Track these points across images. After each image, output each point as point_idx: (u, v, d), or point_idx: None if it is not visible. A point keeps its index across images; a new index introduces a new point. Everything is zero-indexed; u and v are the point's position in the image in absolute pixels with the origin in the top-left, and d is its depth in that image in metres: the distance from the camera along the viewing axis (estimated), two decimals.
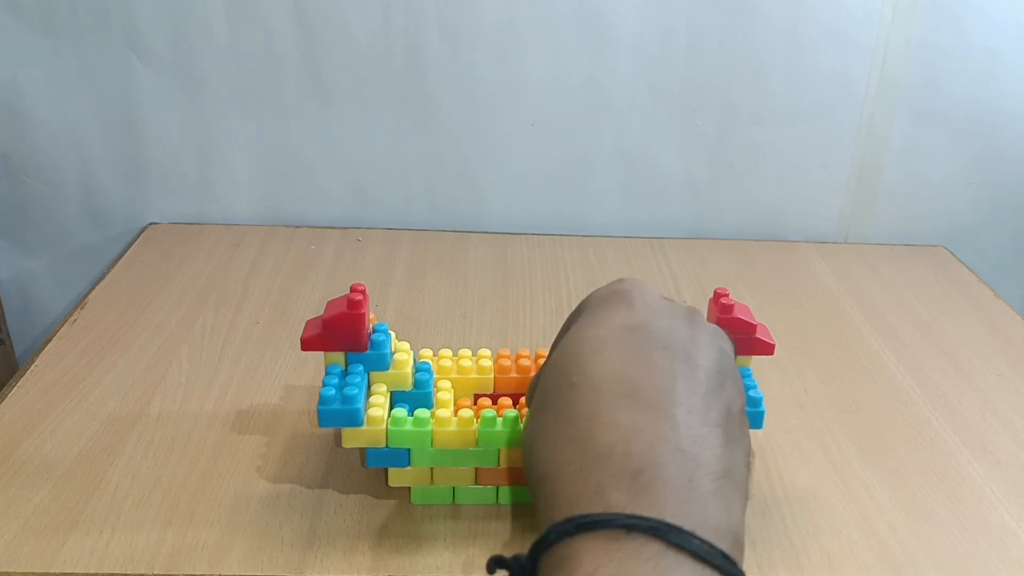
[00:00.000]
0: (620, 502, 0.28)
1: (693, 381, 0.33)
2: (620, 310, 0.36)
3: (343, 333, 0.43)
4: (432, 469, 0.44)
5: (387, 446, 0.43)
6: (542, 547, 0.29)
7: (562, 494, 0.30)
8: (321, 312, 0.44)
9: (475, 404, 0.46)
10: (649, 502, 0.28)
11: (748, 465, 0.33)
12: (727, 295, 0.44)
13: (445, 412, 0.43)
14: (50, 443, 0.49)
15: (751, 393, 0.43)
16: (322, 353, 0.44)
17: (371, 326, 0.45)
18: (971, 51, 0.74)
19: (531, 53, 0.73)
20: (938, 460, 0.51)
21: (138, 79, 0.72)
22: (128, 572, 0.40)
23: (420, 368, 0.46)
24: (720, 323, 0.43)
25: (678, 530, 0.27)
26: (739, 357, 0.44)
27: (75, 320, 0.61)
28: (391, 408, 0.44)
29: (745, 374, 0.44)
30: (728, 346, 0.37)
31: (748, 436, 0.35)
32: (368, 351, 0.44)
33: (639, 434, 0.30)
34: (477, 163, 0.77)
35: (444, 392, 0.45)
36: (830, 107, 0.76)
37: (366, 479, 0.46)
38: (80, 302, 0.64)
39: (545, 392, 0.35)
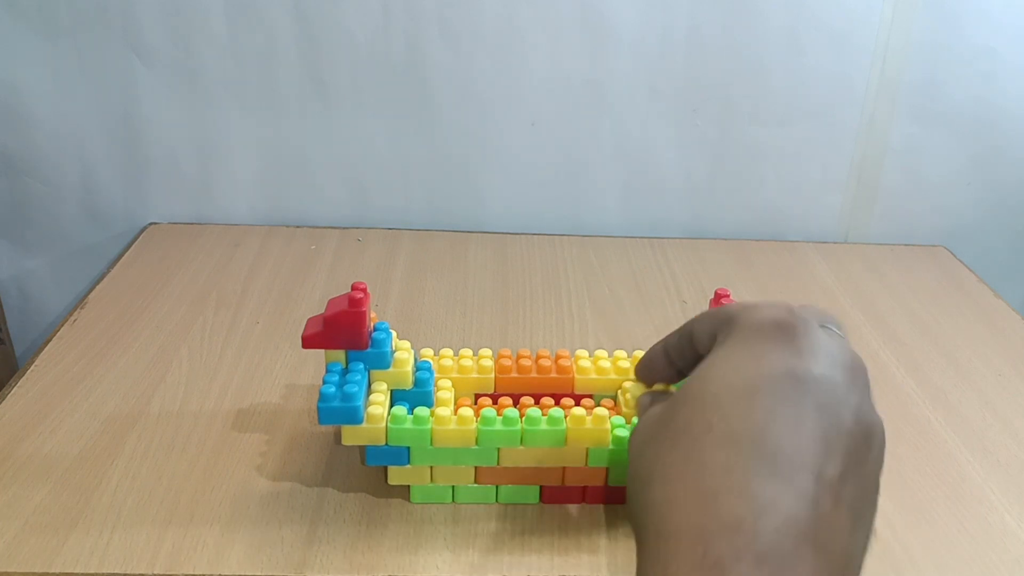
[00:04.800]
0: None
1: (837, 450, 0.29)
2: (781, 348, 0.32)
3: (344, 331, 0.43)
4: (432, 468, 0.44)
5: (387, 444, 0.43)
6: None
7: (676, 558, 0.27)
8: (321, 311, 0.44)
9: (475, 404, 0.46)
10: None
11: (867, 547, 0.30)
12: (727, 295, 0.44)
13: (445, 411, 0.43)
14: (50, 443, 0.49)
15: None
16: (323, 351, 0.44)
17: (372, 325, 0.45)
18: (971, 51, 0.74)
19: (531, 53, 0.73)
20: (938, 460, 0.51)
21: (138, 79, 0.72)
22: (128, 572, 0.40)
23: (420, 367, 0.46)
24: None
25: None
26: None
27: (75, 320, 0.61)
28: (391, 406, 0.44)
29: None
30: (876, 411, 0.33)
31: (875, 509, 0.31)
32: (369, 349, 0.44)
33: (771, 511, 0.27)
34: (477, 163, 0.77)
35: (444, 391, 0.45)
36: (830, 107, 0.76)
37: (366, 478, 0.46)
38: (80, 302, 0.64)
39: (676, 423, 0.31)
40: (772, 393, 0.30)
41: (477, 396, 0.47)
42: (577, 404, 0.45)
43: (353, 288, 0.43)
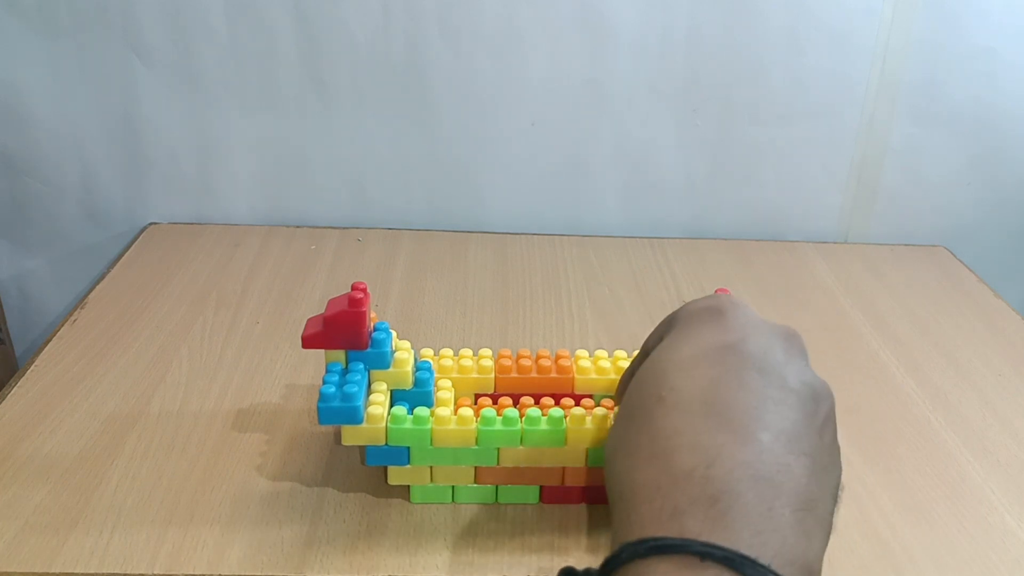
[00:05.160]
0: (695, 528, 0.28)
1: (784, 406, 0.32)
2: (714, 327, 0.35)
3: (344, 331, 0.43)
4: (431, 468, 0.44)
5: (387, 444, 0.43)
6: (614, 564, 0.29)
7: (638, 513, 0.30)
8: (321, 311, 0.44)
9: (475, 404, 0.46)
10: (725, 530, 0.28)
11: (835, 497, 0.32)
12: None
13: (445, 411, 0.43)
14: (50, 443, 0.49)
15: None
16: (323, 351, 0.44)
17: (372, 325, 0.45)
18: (971, 51, 0.74)
19: (531, 53, 0.73)
20: (938, 460, 0.51)
21: (138, 79, 0.72)
22: (128, 572, 0.40)
23: (420, 367, 0.46)
24: None
25: (752, 562, 0.27)
26: None
27: (75, 320, 0.61)
28: (391, 406, 0.44)
29: None
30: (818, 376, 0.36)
31: (839, 467, 0.34)
32: (369, 349, 0.44)
33: (720, 458, 0.29)
34: (477, 163, 0.77)
35: (444, 391, 0.45)
36: (830, 107, 0.76)
37: (366, 478, 0.46)
38: (80, 302, 0.64)
39: (631, 404, 0.34)
40: (713, 363, 0.33)
41: (477, 396, 0.47)
42: (577, 404, 0.45)
43: (353, 288, 0.43)
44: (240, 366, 0.57)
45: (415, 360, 0.47)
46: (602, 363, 0.48)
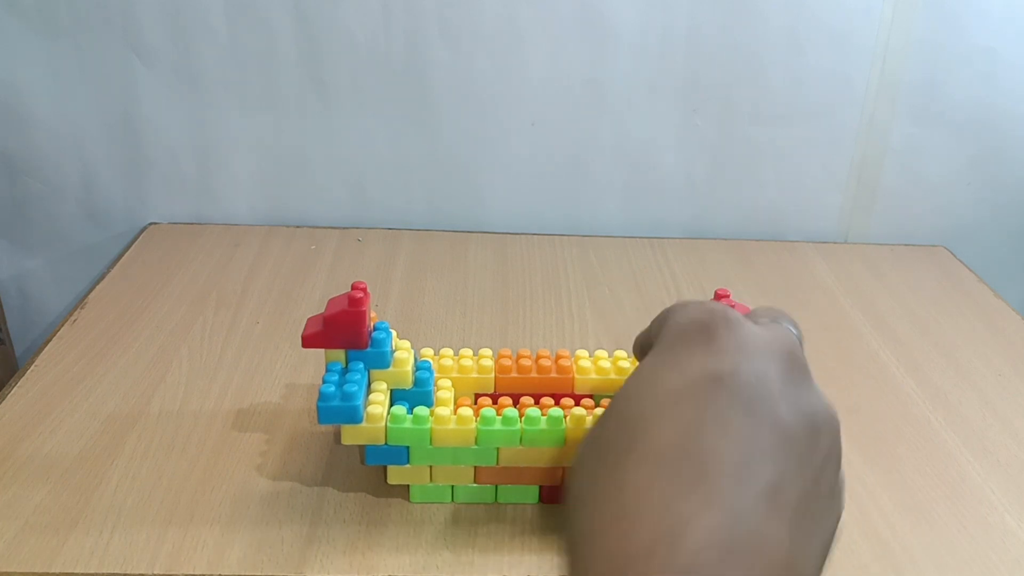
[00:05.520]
0: None
1: (773, 453, 0.28)
2: (703, 351, 0.31)
3: (344, 330, 0.43)
4: (431, 467, 0.44)
5: (386, 443, 0.43)
6: None
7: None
8: (321, 311, 0.44)
9: (475, 403, 0.46)
10: None
11: (827, 544, 0.30)
12: (727, 295, 0.44)
13: (444, 410, 0.43)
14: (50, 443, 0.49)
15: None
16: (323, 351, 0.44)
17: (372, 324, 0.45)
18: (971, 51, 0.74)
19: (531, 53, 0.73)
20: (938, 460, 0.51)
21: (138, 79, 0.72)
22: (128, 572, 0.40)
23: (420, 367, 0.46)
24: None
25: None
26: None
27: (75, 320, 0.61)
28: (391, 406, 0.44)
29: None
30: (823, 396, 0.32)
31: (840, 505, 0.31)
32: (369, 349, 0.44)
33: (692, 528, 0.26)
34: (477, 163, 0.77)
35: (444, 391, 0.45)
36: (830, 107, 0.76)
37: (366, 478, 0.46)
38: (80, 302, 0.64)
39: (602, 440, 0.31)
40: (695, 402, 0.29)
41: (477, 396, 0.47)
42: (577, 404, 0.45)
43: (353, 288, 0.43)
44: (240, 366, 0.57)
45: (415, 360, 0.47)
46: (602, 363, 0.48)
